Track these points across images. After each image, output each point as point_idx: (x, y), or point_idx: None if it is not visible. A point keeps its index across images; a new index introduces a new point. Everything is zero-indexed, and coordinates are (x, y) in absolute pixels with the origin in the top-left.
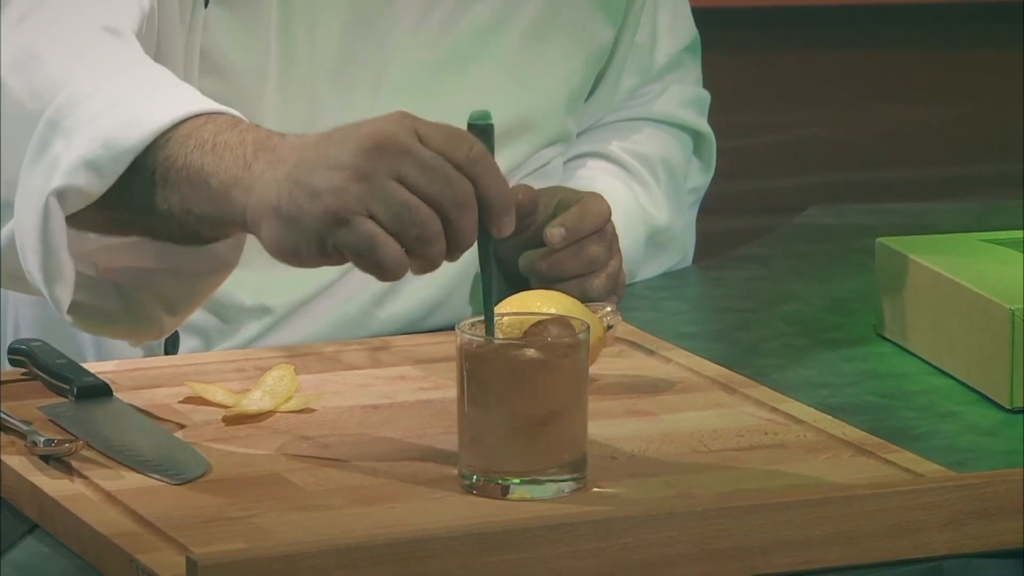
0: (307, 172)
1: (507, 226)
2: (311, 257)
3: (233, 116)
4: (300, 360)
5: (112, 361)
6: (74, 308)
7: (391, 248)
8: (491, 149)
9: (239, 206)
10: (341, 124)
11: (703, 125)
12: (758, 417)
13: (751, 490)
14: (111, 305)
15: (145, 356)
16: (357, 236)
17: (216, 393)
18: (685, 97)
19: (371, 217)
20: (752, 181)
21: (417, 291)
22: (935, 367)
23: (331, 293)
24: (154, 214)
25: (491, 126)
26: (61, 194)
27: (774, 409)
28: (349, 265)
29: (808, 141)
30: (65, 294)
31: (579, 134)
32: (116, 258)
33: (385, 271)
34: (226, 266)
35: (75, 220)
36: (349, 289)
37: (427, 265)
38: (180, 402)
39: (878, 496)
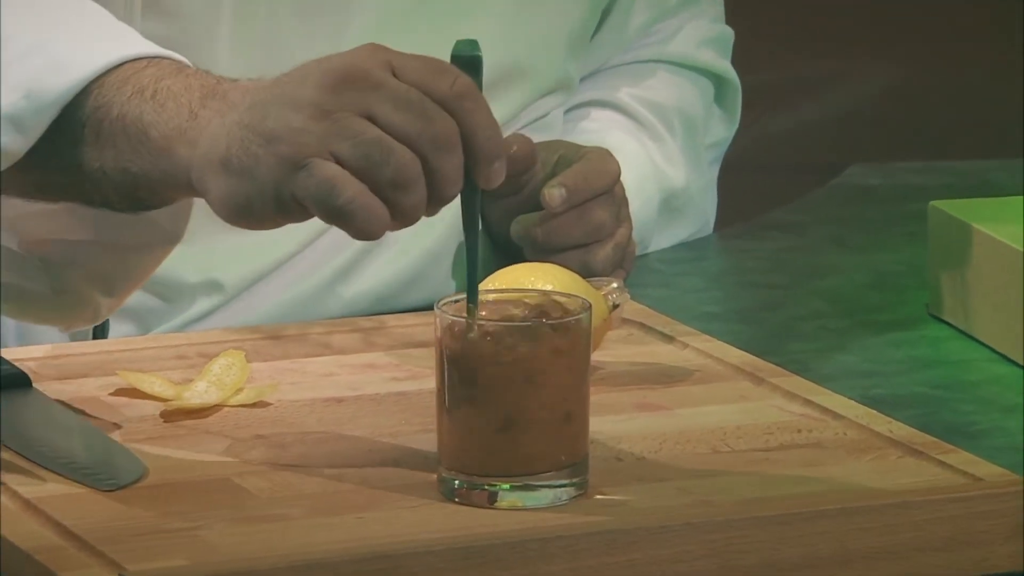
0: (260, 115)
1: (497, 174)
2: (267, 213)
3: (177, 61)
4: (252, 345)
5: (32, 347)
6: None
7: (355, 190)
8: (479, 85)
9: (183, 163)
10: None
11: (726, 68)
12: (790, 412)
13: (781, 497)
14: (37, 285)
15: (71, 341)
16: (316, 179)
17: (153, 384)
18: (705, 35)
19: (336, 160)
20: (783, 134)
21: (389, 263)
22: (998, 353)
23: (290, 266)
24: (85, 175)
25: (479, 58)
26: None
27: (808, 402)
28: (309, 235)
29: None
30: None
31: (582, 80)
32: (41, 227)
33: (353, 219)
34: (170, 238)
35: None
36: (310, 262)
37: (403, 218)
38: (111, 394)
39: (931, 503)
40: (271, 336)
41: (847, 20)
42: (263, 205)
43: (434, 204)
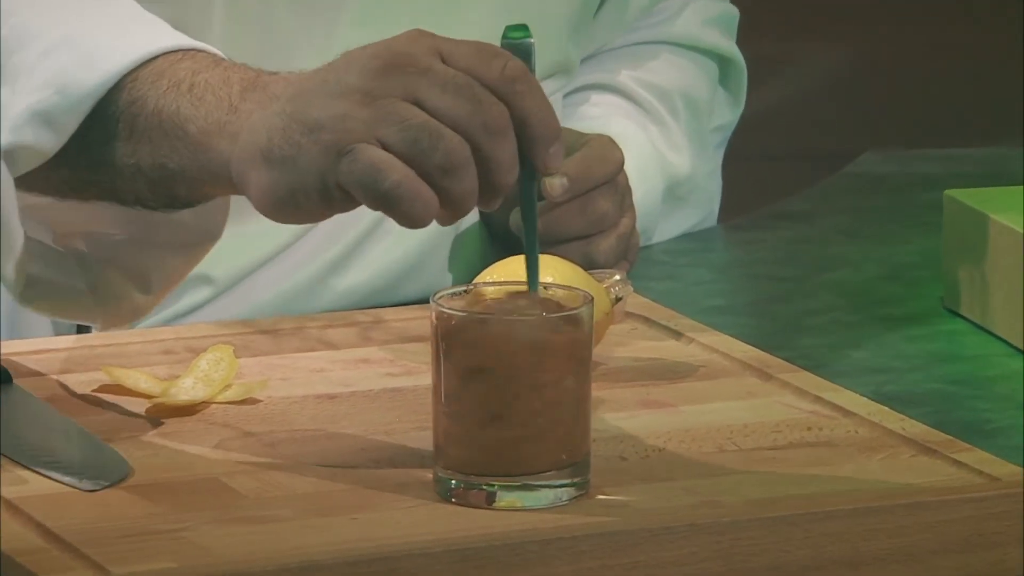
0: (303, 104)
1: (555, 158)
2: (312, 205)
3: (213, 54)
4: (241, 340)
5: (13, 342)
6: (29, 283)
7: (402, 174)
8: (532, 70)
9: (223, 157)
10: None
11: (731, 48)
12: (799, 409)
13: (790, 497)
14: (73, 280)
15: (54, 336)
16: (361, 164)
17: (139, 380)
18: (709, 15)
19: (383, 146)
20: (792, 119)
21: (384, 254)
22: (1016, 348)
23: (282, 258)
24: (119, 172)
25: (531, 44)
26: (8, 154)
27: (818, 399)
28: (302, 226)
29: (862, 70)
30: (16, 271)
31: (582, 62)
32: (75, 220)
33: (399, 203)
34: (208, 235)
35: (23, 181)
36: (302, 253)
37: (453, 206)
38: (95, 391)
39: (945, 504)
40: (261, 330)
41: (861, 0)
42: (307, 196)
43: (489, 194)
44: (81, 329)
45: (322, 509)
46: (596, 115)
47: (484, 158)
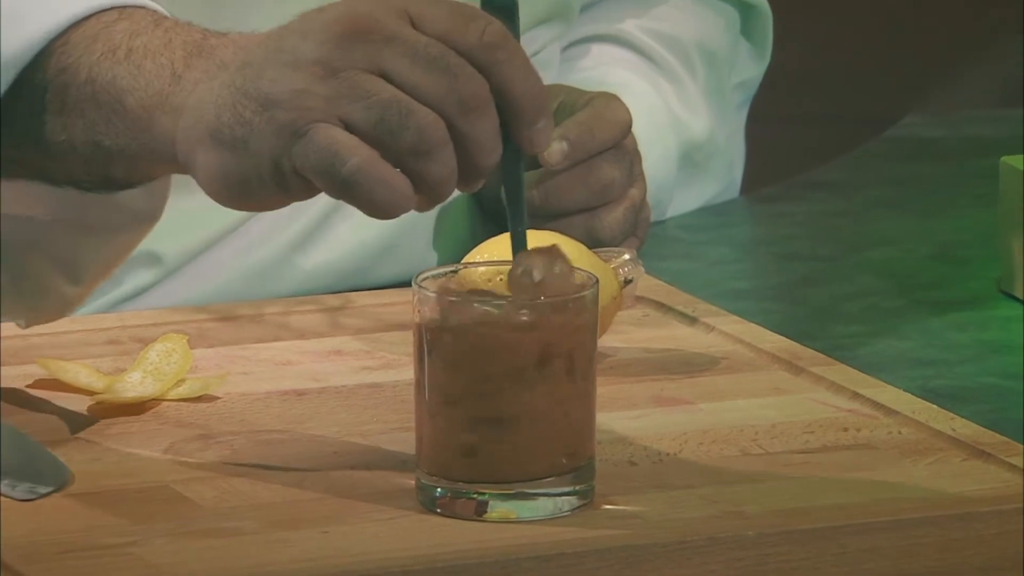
0: (255, 76)
1: (542, 136)
2: (266, 192)
3: (154, 11)
4: (196, 328)
5: None
6: None
7: (363, 156)
8: (516, 34)
9: (166, 135)
10: (244, 24)
11: None
12: (834, 407)
13: (823, 507)
14: None
15: None
16: (317, 146)
17: (79, 374)
18: None
19: (346, 126)
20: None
21: (357, 230)
22: None
23: (239, 234)
24: (48, 149)
25: (514, 3)
26: None
27: (856, 396)
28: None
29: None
30: None
31: (582, 11)
32: None
33: (359, 190)
34: (148, 217)
35: None
36: (263, 228)
37: (430, 191)
38: (29, 386)
39: (999, 515)
40: (218, 317)
41: None
42: (260, 182)
43: (469, 177)
44: None
45: (289, 521)
46: (598, 69)
47: (461, 137)
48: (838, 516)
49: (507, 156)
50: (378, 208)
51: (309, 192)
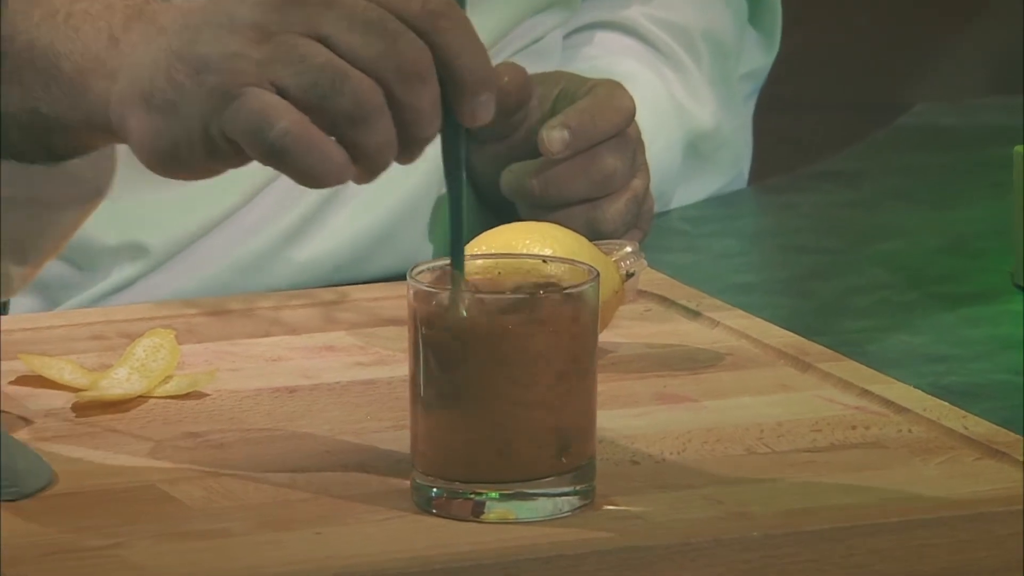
0: (190, 40)
1: (484, 109)
2: (196, 158)
3: None
4: (184, 323)
5: None
6: None
7: (291, 120)
8: (462, 2)
9: (100, 98)
10: None
11: None
12: (843, 405)
13: (831, 507)
14: None
15: None
16: (246, 111)
17: (63, 370)
18: None
19: (279, 92)
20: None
21: (351, 221)
22: None
23: (229, 225)
24: None
25: None
26: None
27: (866, 393)
28: (253, 186)
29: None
30: None
31: None
32: None
33: (287, 155)
34: (93, 192)
35: None
36: (254, 219)
37: (367, 162)
38: (11, 383)
39: (1014, 516)
40: (207, 312)
41: None
42: (190, 147)
43: (408, 148)
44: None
45: (280, 522)
46: (602, 56)
47: (399, 105)
48: (846, 517)
49: (447, 129)
50: (309, 175)
51: (240, 159)
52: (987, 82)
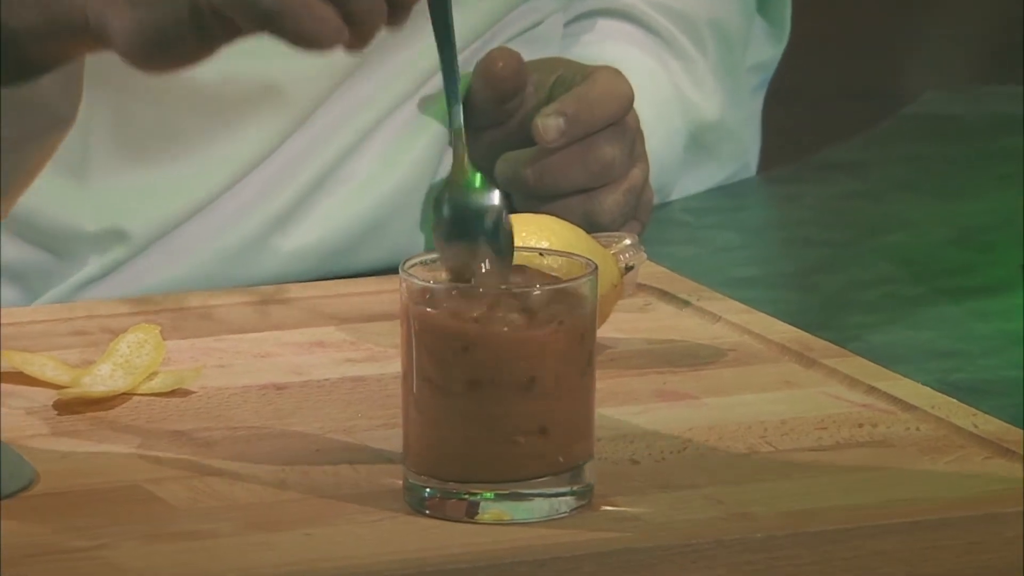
0: None
1: None
2: (187, 41)
3: None
4: (168, 318)
5: None
6: None
7: None
8: None
9: (76, 2)
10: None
11: None
12: (849, 402)
13: (836, 508)
14: None
15: None
16: None
17: (44, 367)
18: None
19: None
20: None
21: (340, 208)
22: None
23: (212, 211)
24: None
25: None
26: None
27: (872, 389)
28: (238, 169)
29: None
30: None
31: None
32: None
33: (283, 18)
34: (62, 118)
35: None
36: (239, 205)
37: (358, 25)
38: None
39: None
40: (192, 305)
41: None
42: (179, 31)
43: (396, 12)
44: None
45: (269, 523)
46: (602, 43)
47: None
48: (852, 518)
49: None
50: (303, 38)
51: (229, 35)
52: (995, 68)
